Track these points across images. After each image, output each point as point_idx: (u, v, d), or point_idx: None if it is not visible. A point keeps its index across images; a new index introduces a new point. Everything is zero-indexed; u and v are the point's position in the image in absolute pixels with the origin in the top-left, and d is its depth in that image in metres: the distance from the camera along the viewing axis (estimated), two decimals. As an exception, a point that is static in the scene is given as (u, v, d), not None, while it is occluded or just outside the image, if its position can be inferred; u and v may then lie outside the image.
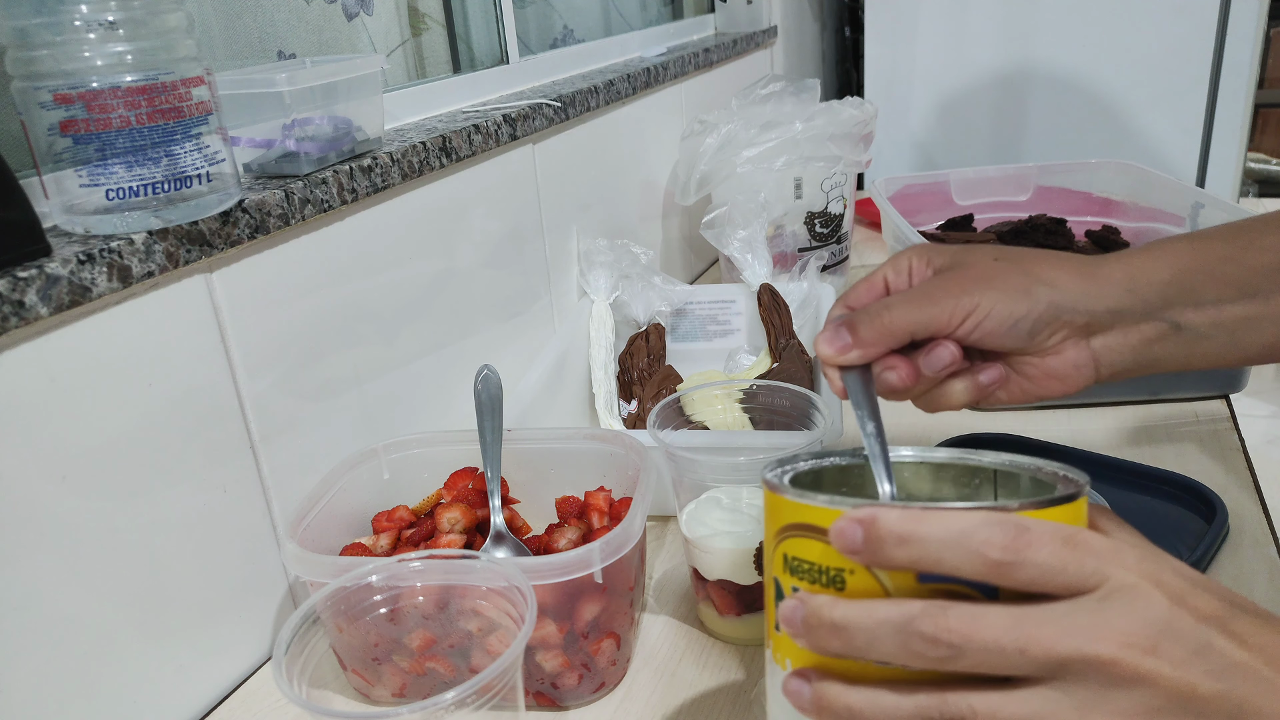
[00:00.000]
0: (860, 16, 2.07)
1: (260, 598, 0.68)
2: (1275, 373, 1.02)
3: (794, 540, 0.36)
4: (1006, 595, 0.33)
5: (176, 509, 0.60)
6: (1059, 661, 0.31)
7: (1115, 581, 0.32)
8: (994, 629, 0.31)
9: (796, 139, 1.15)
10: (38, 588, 0.52)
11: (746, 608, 0.63)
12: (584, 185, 1.13)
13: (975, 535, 0.32)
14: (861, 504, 0.34)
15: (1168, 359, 0.47)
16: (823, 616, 0.34)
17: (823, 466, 0.43)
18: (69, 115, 0.53)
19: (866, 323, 0.46)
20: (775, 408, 0.68)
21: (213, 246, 0.60)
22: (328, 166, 0.71)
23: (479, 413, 0.69)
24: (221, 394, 0.63)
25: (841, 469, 0.43)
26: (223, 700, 0.64)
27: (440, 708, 0.44)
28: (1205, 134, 1.66)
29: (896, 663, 0.33)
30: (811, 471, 0.43)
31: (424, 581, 0.55)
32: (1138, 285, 0.46)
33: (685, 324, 1.11)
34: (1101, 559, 0.32)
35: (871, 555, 0.33)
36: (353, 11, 0.95)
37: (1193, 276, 0.46)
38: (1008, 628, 0.31)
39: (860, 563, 0.34)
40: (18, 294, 0.49)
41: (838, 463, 0.43)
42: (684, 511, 0.64)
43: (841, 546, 0.34)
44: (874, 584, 0.34)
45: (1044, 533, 0.32)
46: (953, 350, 0.46)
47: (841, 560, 0.34)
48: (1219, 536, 0.68)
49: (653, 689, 0.61)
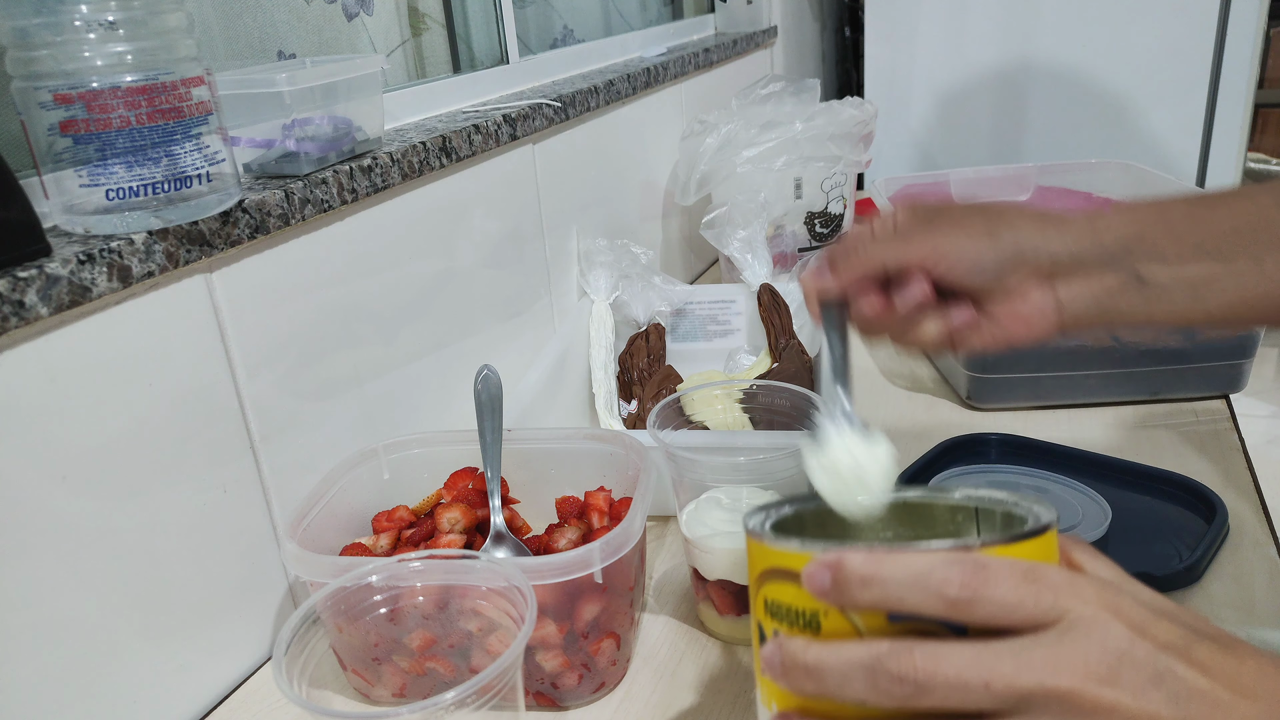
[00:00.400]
0: (860, 16, 2.07)
1: (260, 598, 0.68)
2: (1275, 372, 1.02)
3: (772, 585, 0.37)
4: (975, 632, 0.33)
5: (177, 509, 0.60)
6: (1021, 695, 0.32)
7: (1074, 614, 0.32)
8: (957, 665, 0.32)
9: (796, 139, 1.15)
10: (38, 588, 0.52)
11: (746, 608, 0.63)
12: (584, 185, 1.13)
13: (934, 574, 0.33)
14: (830, 548, 0.35)
15: (1131, 311, 0.48)
16: (798, 659, 0.35)
17: (805, 510, 0.44)
18: (69, 115, 0.53)
19: (844, 258, 0.50)
20: (775, 408, 0.68)
21: (213, 246, 0.60)
22: (328, 166, 0.71)
23: (479, 413, 0.69)
24: (221, 394, 0.63)
25: (824, 511, 0.44)
26: (223, 700, 0.64)
27: (440, 708, 0.44)
28: (1205, 134, 1.66)
29: (870, 702, 0.33)
30: (794, 516, 0.44)
31: (424, 581, 0.55)
32: (1100, 234, 0.48)
33: (685, 324, 1.12)
34: (1059, 593, 0.33)
35: (839, 597, 0.34)
36: (353, 11, 0.95)
37: (1155, 231, 0.47)
38: (970, 663, 0.32)
39: (830, 604, 0.35)
40: (18, 294, 0.49)
41: (821, 505, 0.44)
42: (684, 511, 0.64)
43: (812, 589, 0.35)
44: (847, 625, 0.35)
45: (1001, 569, 0.33)
46: (924, 286, 0.49)
47: (816, 602, 0.35)
48: (1219, 536, 0.68)
49: (653, 689, 0.61)
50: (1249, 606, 0.62)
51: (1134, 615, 0.33)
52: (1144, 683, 0.31)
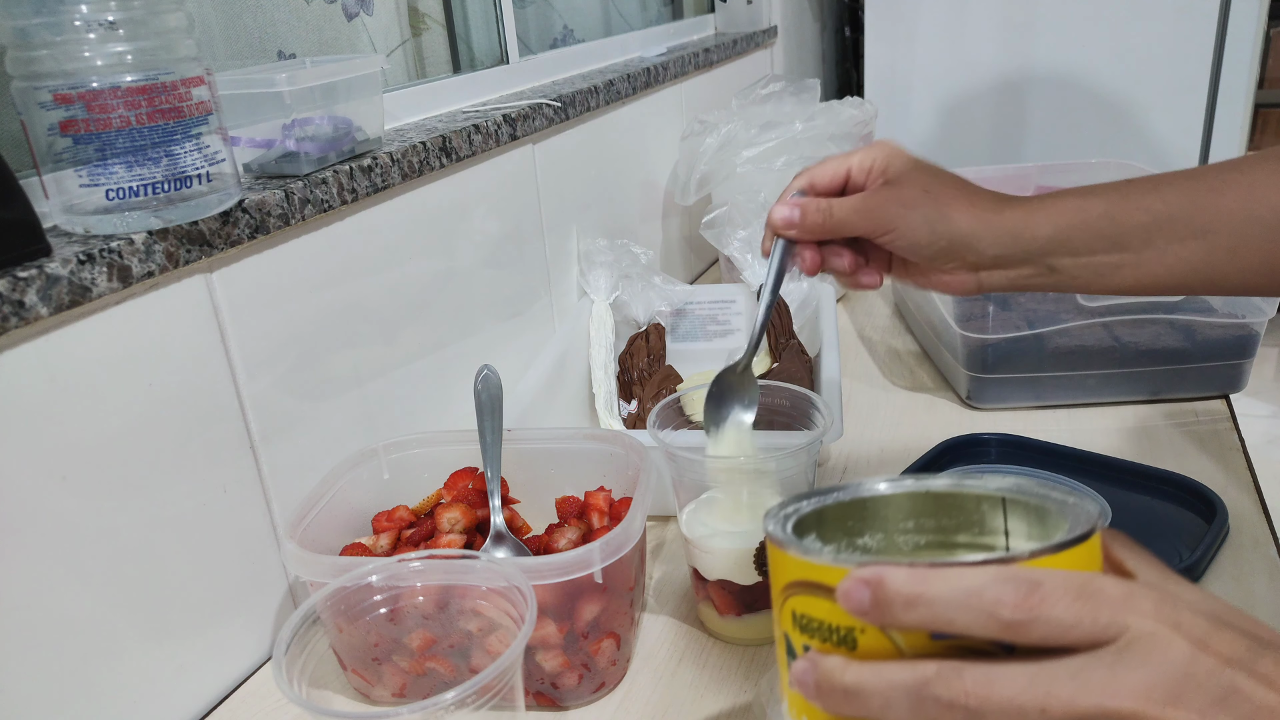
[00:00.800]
0: (860, 16, 2.07)
1: (260, 598, 0.68)
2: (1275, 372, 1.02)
3: (801, 597, 0.35)
4: (1023, 650, 0.32)
5: (176, 509, 0.60)
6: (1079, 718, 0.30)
7: (1133, 631, 0.31)
8: (1011, 689, 0.30)
9: (796, 139, 1.15)
10: (38, 588, 0.52)
11: (746, 608, 0.63)
12: (584, 185, 1.13)
13: (985, 594, 0.31)
14: (867, 562, 0.33)
15: (1038, 287, 0.56)
16: (835, 681, 0.33)
17: (825, 505, 0.42)
18: (69, 115, 0.53)
19: (814, 214, 0.57)
20: (775, 408, 0.68)
21: (213, 246, 0.60)
22: (328, 166, 0.71)
23: (479, 413, 0.69)
24: (221, 394, 0.63)
25: (845, 505, 0.42)
26: (223, 700, 0.64)
27: (440, 708, 0.44)
28: (1205, 134, 1.66)
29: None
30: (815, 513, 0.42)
31: (424, 581, 0.55)
32: (1022, 238, 0.54)
33: (685, 324, 1.11)
34: (1116, 609, 0.31)
35: (880, 617, 0.32)
36: (353, 11, 0.95)
37: (1072, 232, 0.53)
38: (1025, 687, 0.30)
39: (870, 624, 0.33)
40: (18, 294, 0.49)
41: (841, 499, 0.42)
42: (684, 511, 0.64)
43: (849, 608, 0.32)
44: (886, 643, 0.33)
45: (1056, 587, 0.31)
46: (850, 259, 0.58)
47: (852, 619, 0.33)
48: (1219, 536, 0.68)
49: (653, 689, 0.61)
50: (1249, 607, 0.62)
51: (1195, 629, 0.31)
52: (1209, 703, 0.30)
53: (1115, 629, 0.31)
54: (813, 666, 0.34)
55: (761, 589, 0.62)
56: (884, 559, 0.33)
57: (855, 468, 0.84)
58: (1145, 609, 0.32)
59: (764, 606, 0.63)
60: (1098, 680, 0.30)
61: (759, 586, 0.62)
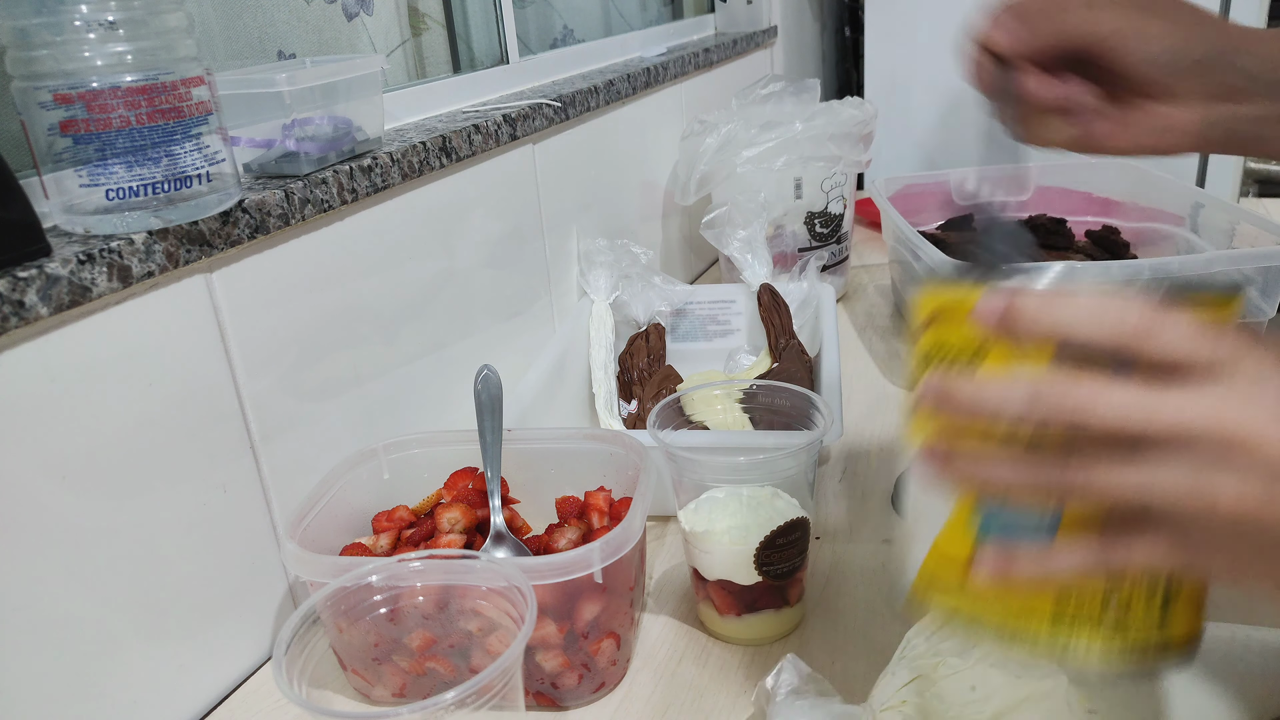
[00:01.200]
0: (860, 16, 2.07)
1: (260, 598, 0.68)
2: (1275, 372, 1.02)
3: (938, 327, 0.37)
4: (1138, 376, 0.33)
5: (177, 509, 0.60)
6: (1184, 430, 0.31)
7: (1247, 367, 0.32)
8: (1123, 397, 0.32)
9: (796, 139, 1.15)
10: (38, 588, 0.52)
11: (746, 608, 0.63)
12: (584, 185, 1.13)
13: (1112, 307, 0.32)
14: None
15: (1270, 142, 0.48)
16: (961, 384, 0.34)
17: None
18: (69, 115, 0.53)
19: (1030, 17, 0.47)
20: (775, 408, 0.68)
21: (213, 246, 0.60)
22: (328, 166, 0.71)
23: (479, 413, 0.69)
24: (221, 394, 0.63)
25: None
26: (223, 700, 0.64)
27: (440, 708, 0.44)
28: (1205, 134, 1.65)
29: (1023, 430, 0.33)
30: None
31: (424, 581, 0.55)
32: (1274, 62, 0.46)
33: (685, 324, 1.12)
34: (1235, 349, 0.32)
35: (1012, 324, 0.34)
36: (353, 11, 0.95)
37: None
38: (1137, 397, 0.32)
39: (1001, 332, 0.34)
40: (18, 294, 0.49)
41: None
42: (684, 511, 0.64)
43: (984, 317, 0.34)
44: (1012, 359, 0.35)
45: (1180, 315, 0.32)
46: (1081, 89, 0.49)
47: (981, 341, 0.35)
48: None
49: (653, 689, 0.61)
50: (1249, 606, 0.62)
51: None
52: None
53: (1230, 366, 0.32)
54: (943, 376, 0.36)
55: (762, 589, 0.62)
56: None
57: (855, 468, 0.84)
58: (1260, 354, 0.32)
59: (764, 606, 0.63)
60: (1208, 399, 0.31)
61: (759, 586, 0.62)
